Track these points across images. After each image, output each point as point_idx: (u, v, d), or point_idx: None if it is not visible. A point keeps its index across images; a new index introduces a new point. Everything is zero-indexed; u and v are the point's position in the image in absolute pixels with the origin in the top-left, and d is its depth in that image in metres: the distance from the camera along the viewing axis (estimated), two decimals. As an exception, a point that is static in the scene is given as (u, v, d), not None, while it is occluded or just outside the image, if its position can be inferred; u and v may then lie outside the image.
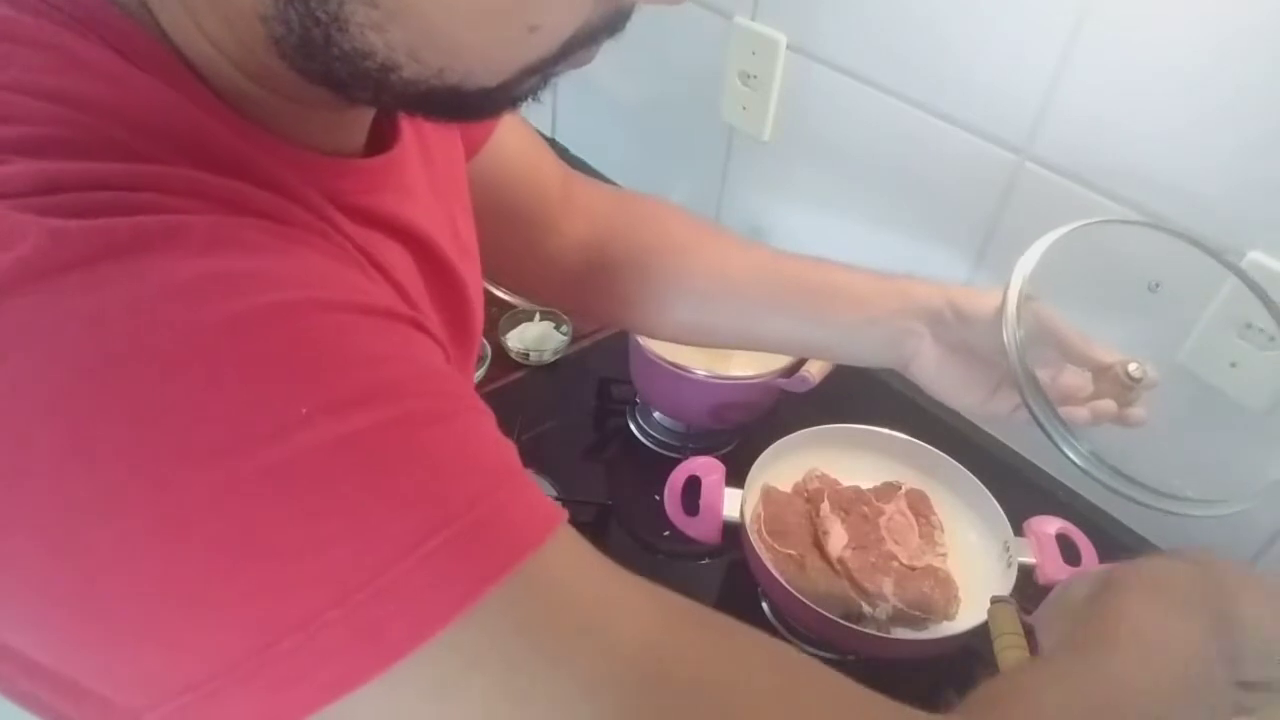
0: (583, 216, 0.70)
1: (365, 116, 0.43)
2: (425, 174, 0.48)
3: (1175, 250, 0.61)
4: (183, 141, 0.32)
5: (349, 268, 0.36)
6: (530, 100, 0.37)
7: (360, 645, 0.28)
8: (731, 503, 0.78)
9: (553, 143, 1.32)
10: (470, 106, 0.36)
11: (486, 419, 0.34)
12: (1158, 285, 0.75)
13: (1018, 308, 0.55)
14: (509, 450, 0.34)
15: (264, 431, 0.27)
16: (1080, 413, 0.57)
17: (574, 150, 1.31)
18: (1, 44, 0.31)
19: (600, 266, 0.70)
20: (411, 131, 0.46)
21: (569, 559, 0.33)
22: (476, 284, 0.53)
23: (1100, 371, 0.59)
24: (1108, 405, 0.58)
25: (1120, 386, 0.58)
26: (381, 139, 0.44)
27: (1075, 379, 0.60)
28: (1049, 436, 0.54)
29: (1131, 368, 0.57)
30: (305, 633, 0.27)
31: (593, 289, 0.71)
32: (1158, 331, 0.76)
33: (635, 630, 0.33)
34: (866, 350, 0.66)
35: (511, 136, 0.64)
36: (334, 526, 0.28)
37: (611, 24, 0.35)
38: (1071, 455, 0.54)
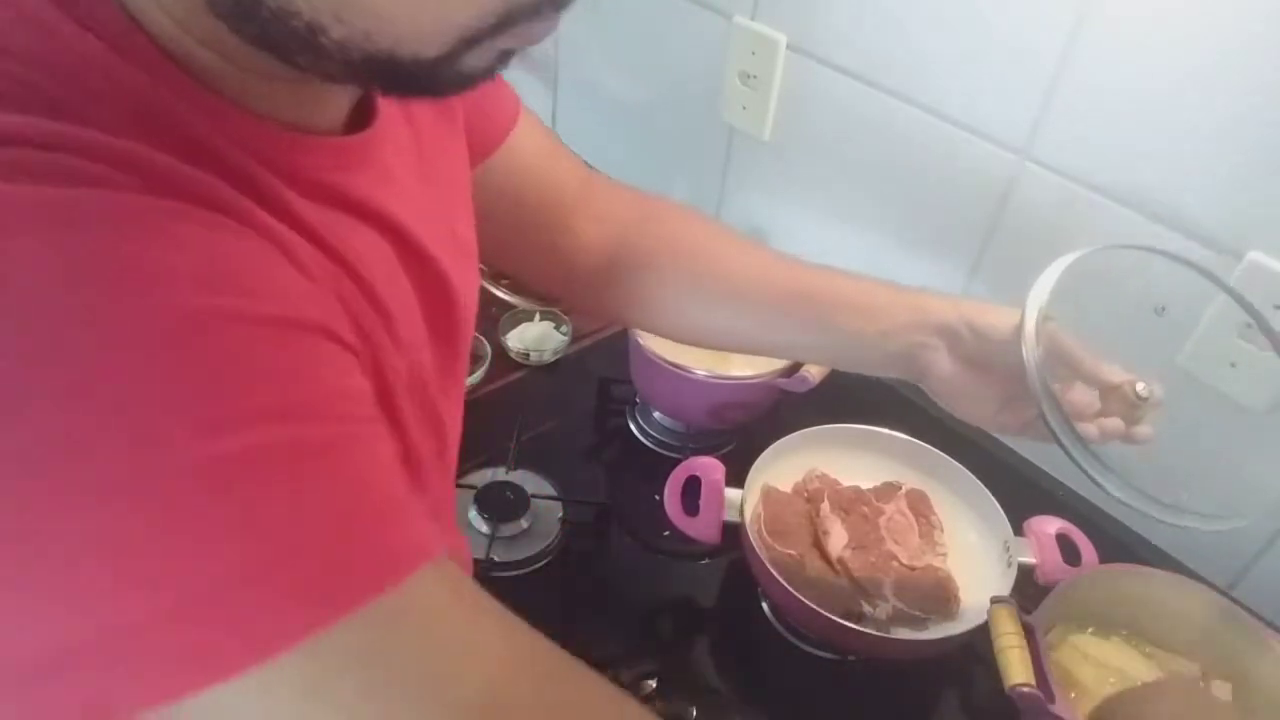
0: (598, 218, 0.70)
1: (339, 95, 0.42)
2: (416, 164, 0.46)
3: (1178, 270, 0.62)
4: (114, 100, 0.32)
5: (275, 263, 0.35)
6: (486, 79, 0.36)
7: (186, 660, 0.28)
8: (731, 503, 0.78)
9: (553, 143, 1.32)
10: (420, 79, 0.35)
11: (379, 445, 0.34)
12: (1164, 309, 0.75)
13: (1036, 328, 0.56)
14: (394, 480, 0.34)
15: (128, 440, 0.27)
16: (1089, 429, 0.58)
17: (574, 150, 1.31)
18: None
19: (613, 268, 0.70)
20: (401, 118, 0.45)
21: (427, 601, 0.32)
22: (468, 284, 0.53)
23: (1108, 390, 0.60)
24: (1116, 424, 0.58)
25: (1128, 405, 0.59)
26: (367, 123, 0.43)
27: (1084, 396, 0.60)
28: (1070, 456, 0.55)
29: (1140, 387, 0.58)
30: (135, 636, 0.27)
31: (605, 290, 0.71)
32: (1158, 336, 0.76)
33: (480, 680, 0.33)
34: (879, 362, 0.65)
35: (528, 139, 0.64)
36: (180, 543, 0.28)
37: None
38: (1092, 472, 0.54)
